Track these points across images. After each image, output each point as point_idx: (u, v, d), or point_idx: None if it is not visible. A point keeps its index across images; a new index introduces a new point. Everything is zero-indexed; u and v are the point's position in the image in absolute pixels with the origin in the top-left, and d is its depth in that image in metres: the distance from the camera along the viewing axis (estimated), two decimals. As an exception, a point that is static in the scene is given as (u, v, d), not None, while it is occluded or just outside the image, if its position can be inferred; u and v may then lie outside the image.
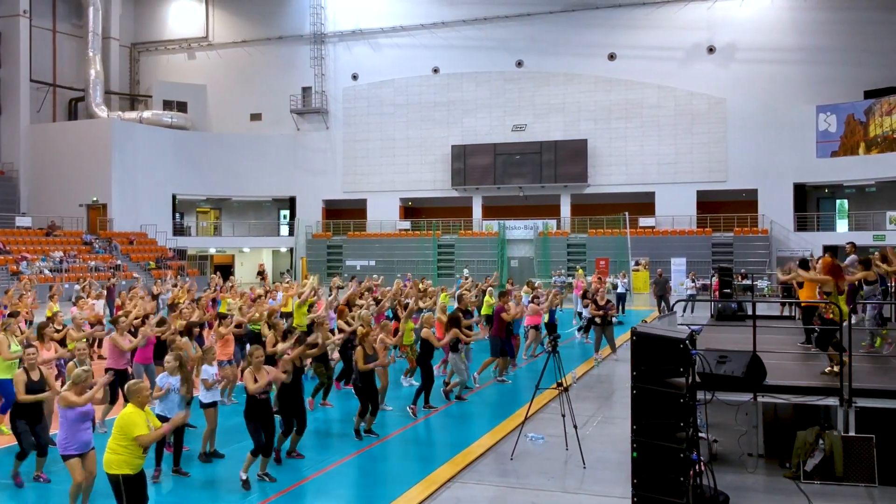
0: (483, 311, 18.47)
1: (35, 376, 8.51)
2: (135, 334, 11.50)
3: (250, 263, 47.96)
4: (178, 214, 48.35)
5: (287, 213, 50.83)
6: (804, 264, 12.49)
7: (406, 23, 46.12)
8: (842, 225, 39.83)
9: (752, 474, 8.78)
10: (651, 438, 6.53)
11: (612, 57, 42.45)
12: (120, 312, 13.15)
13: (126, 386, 6.94)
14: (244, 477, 8.46)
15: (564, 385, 9.84)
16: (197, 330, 11.63)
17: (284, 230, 50.63)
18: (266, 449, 8.58)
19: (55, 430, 8.71)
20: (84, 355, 9.43)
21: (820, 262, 11.03)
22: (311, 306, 15.81)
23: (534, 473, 8.93)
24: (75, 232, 42.17)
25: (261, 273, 34.48)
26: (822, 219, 39.96)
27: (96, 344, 15.73)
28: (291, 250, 48.69)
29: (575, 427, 9.61)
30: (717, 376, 8.49)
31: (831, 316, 9.73)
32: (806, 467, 8.51)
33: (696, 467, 6.86)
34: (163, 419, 8.53)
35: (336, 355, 13.37)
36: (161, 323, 12.03)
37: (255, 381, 8.53)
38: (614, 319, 20.71)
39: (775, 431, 9.87)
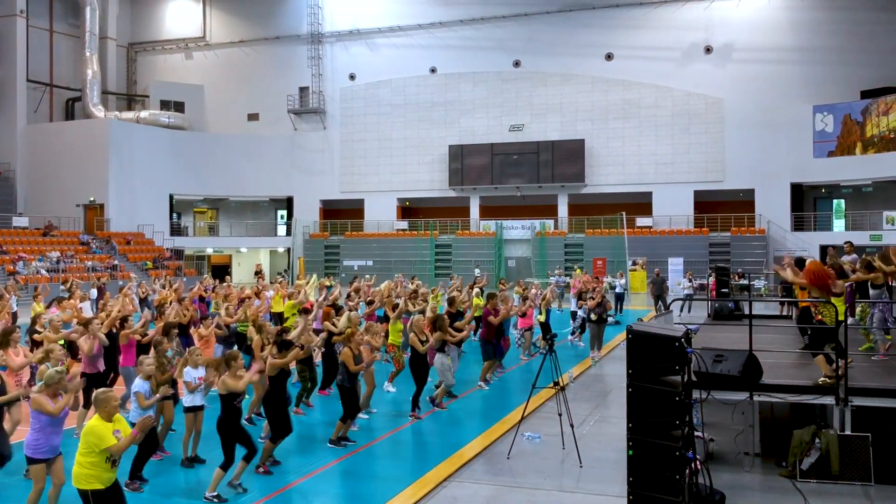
0: (475, 313, 18.37)
1: None
2: (115, 336, 11.29)
3: (248, 263, 47.94)
4: (175, 214, 48.32)
5: (284, 213, 50.81)
6: (800, 263, 12.44)
7: (403, 23, 46.12)
8: (839, 225, 39.88)
9: (748, 473, 8.78)
10: (647, 436, 6.52)
11: (609, 57, 42.47)
12: (101, 314, 12.89)
13: (94, 395, 6.54)
14: (213, 494, 7.97)
15: (561, 384, 9.84)
16: (175, 331, 11.39)
17: (282, 230, 50.60)
18: (250, 453, 8.24)
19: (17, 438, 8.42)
20: (60, 356, 9.12)
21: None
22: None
23: (531, 472, 8.93)
24: (72, 232, 42.12)
25: (258, 273, 34.45)
26: (818, 219, 39.99)
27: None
28: (289, 250, 48.63)
29: (572, 426, 9.63)
30: (713, 375, 8.50)
31: (820, 318, 9.69)
32: (802, 466, 8.51)
33: (693, 466, 6.86)
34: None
35: (319, 358, 13.18)
36: (143, 326, 11.83)
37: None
38: (610, 319, 20.74)
39: (771, 430, 9.86)
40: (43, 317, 13.11)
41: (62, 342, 11.25)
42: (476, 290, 19.30)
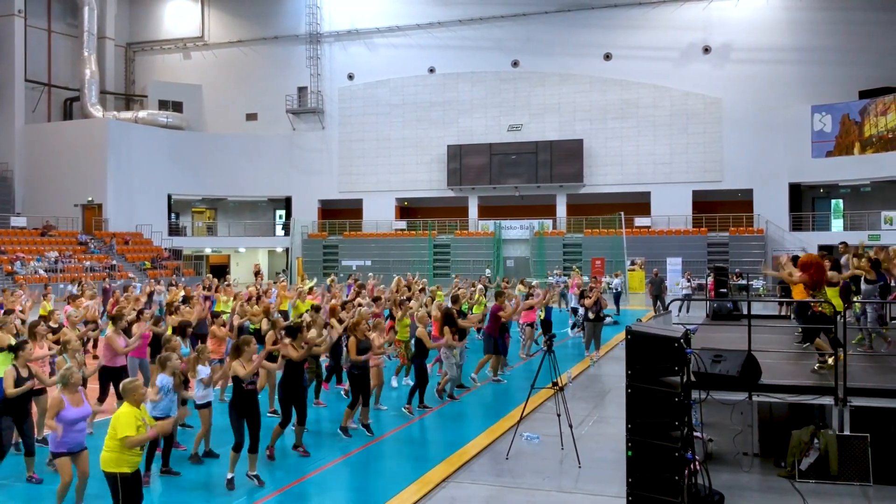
0: (475, 310, 18.46)
1: (24, 373, 8.48)
2: (129, 332, 11.46)
3: (246, 263, 47.88)
4: (173, 214, 48.28)
5: (283, 213, 50.79)
6: (796, 261, 12.51)
7: (402, 23, 46.11)
8: (837, 225, 39.91)
9: (747, 473, 8.79)
10: (646, 437, 6.52)
11: (607, 57, 42.48)
12: (115, 310, 13.08)
13: (121, 385, 6.90)
14: (230, 476, 8.34)
15: (560, 384, 9.83)
16: (190, 329, 11.57)
17: (280, 230, 50.59)
18: (253, 445, 8.45)
19: (46, 431, 8.66)
20: (77, 348, 9.40)
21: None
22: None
23: (529, 473, 8.92)
24: (70, 232, 42.08)
25: (257, 273, 34.46)
26: (817, 219, 40.02)
27: (91, 343, 15.69)
28: (287, 250, 48.64)
29: (570, 426, 9.61)
30: (712, 375, 8.49)
31: (820, 310, 9.74)
32: (801, 466, 8.51)
33: (692, 466, 6.86)
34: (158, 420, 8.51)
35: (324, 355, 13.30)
36: (156, 321, 12.02)
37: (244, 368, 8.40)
38: (609, 319, 20.77)
39: (770, 430, 9.86)
40: (56, 313, 13.37)
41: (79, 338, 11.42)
42: (479, 287, 19.44)
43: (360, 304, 14.29)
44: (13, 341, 10.02)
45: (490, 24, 44.43)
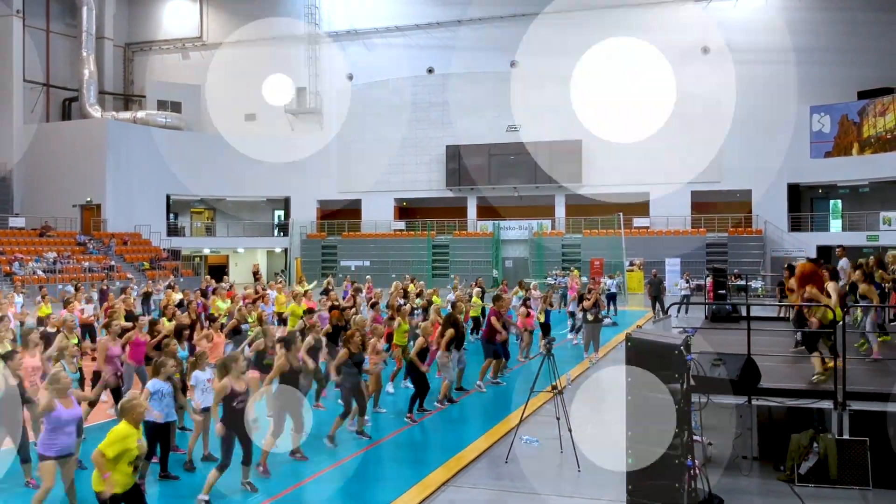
0: (471, 314, 18.50)
1: (12, 382, 8.30)
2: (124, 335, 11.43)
3: (245, 264, 47.78)
4: (172, 215, 48.24)
5: (282, 213, 50.75)
6: (792, 269, 12.56)
7: (401, 23, 46.08)
8: (835, 225, 39.95)
9: (746, 477, 8.79)
10: (646, 445, 6.51)
11: (606, 57, 42.37)
12: (108, 314, 13.02)
13: (120, 404, 6.70)
14: (205, 498, 7.96)
15: (559, 388, 9.83)
16: (187, 333, 11.53)
17: (279, 231, 50.55)
18: (246, 458, 8.31)
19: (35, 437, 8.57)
20: (74, 353, 9.35)
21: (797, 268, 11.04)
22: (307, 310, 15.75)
23: (528, 477, 8.91)
24: (69, 232, 42.04)
25: (256, 274, 34.45)
26: (815, 219, 40.03)
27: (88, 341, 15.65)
28: (286, 251, 48.60)
29: (570, 430, 9.61)
30: (711, 379, 8.50)
31: (814, 319, 9.76)
32: (800, 470, 8.51)
33: (692, 471, 6.86)
34: (152, 425, 8.41)
35: (324, 358, 13.26)
36: (153, 325, 11.96)
37: (232, 390, 8.12)
38: (607, 320, 20.77)
39: (769, 434, 9.87)
40: (52, 317, 13.35)
41: (76, 341, 11.38)
42: (476, 289, 19.45)
43: (356, 312, 14.29)
44: (9, 347, 9.99)
45: (489, 24, 44.38)
